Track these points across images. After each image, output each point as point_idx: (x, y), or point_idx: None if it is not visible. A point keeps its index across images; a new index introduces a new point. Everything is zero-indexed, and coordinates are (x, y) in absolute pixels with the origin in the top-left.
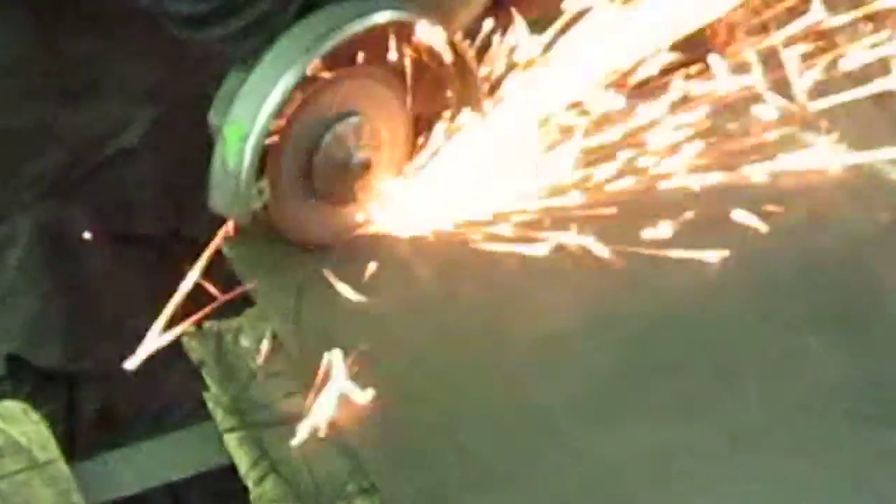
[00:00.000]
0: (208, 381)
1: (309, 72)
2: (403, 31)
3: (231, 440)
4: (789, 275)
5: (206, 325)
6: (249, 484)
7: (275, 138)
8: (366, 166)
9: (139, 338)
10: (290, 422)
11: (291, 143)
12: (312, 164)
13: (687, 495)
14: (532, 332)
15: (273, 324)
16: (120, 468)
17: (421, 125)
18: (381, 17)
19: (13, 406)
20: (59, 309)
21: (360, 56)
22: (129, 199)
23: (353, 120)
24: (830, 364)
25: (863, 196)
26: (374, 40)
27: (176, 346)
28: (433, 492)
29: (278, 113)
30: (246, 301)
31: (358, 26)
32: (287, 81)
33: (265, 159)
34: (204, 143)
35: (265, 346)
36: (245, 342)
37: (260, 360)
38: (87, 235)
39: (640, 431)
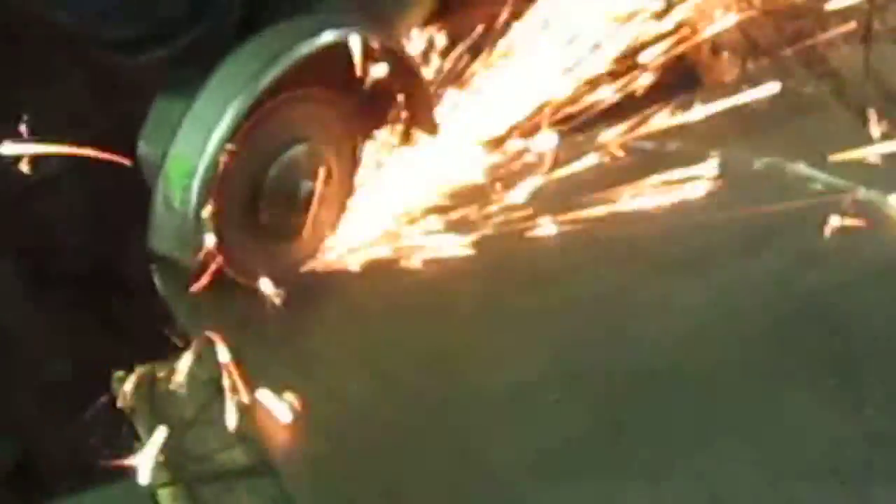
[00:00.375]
0: (139, 430)
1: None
2: (348, 50)
3: (164, 496)
4: (774, 322)
5: (138, 367)
6: None
7: (217, 170)
8: (313, 197)
9: (60, 384)
10: (230, 476)
11: (235, 176)
12: (258, 197)
13: None
14: (490, 384)
15: (212, 368)
16: None
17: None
18: (329, 36)
19: None
20: None
21: (305, 78)
22: (51, 234)
23: (300, 148)
24: (819, 420)
25: (851, 235)
26: (317, 61)
27: (104, 392)
28: None
29: (226, 145)
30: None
31: (307, 48)
32: (235, 111)
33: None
34: (133, 173)
35: (202, 391)
36: (180, 388)
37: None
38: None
39: (611, 494)
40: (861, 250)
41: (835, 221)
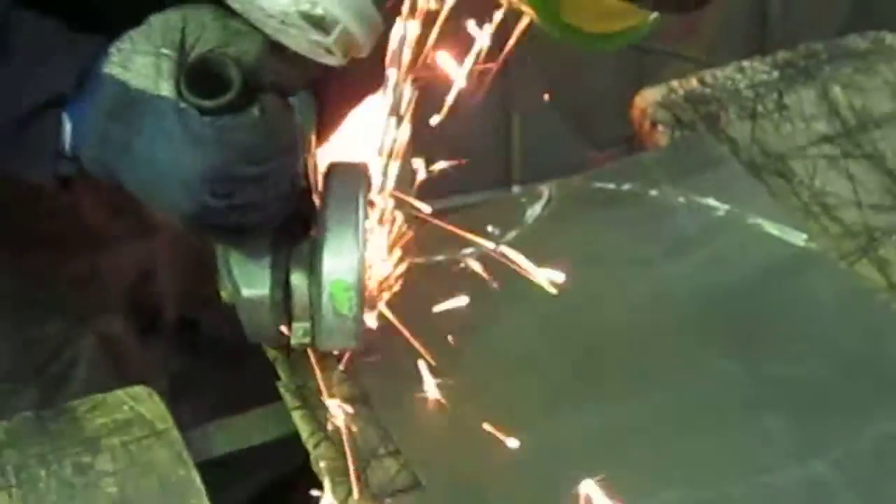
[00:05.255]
0: (280, 372)
1: None
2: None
3: (296, 416)
4: (695, 308)
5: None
6: (309, 447)
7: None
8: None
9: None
10: (344, 402)
11: None
12: None
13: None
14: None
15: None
16: (217, 435)
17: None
18: None
19: (140, 390)
20: None
21: None
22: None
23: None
24: (728, 369)
25: (743, 248)
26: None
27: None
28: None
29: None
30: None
31: None
32: (359, 230)
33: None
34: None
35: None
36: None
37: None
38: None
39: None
40: (753, 258)
41: (733, 237)
